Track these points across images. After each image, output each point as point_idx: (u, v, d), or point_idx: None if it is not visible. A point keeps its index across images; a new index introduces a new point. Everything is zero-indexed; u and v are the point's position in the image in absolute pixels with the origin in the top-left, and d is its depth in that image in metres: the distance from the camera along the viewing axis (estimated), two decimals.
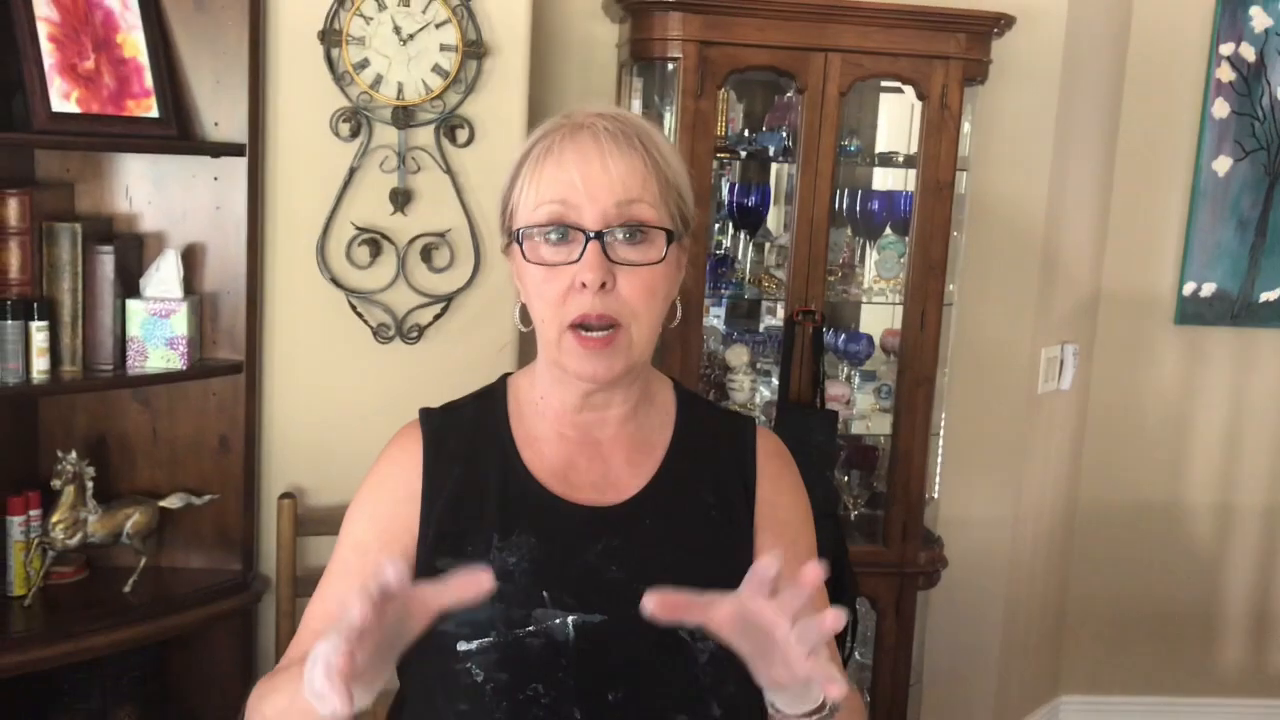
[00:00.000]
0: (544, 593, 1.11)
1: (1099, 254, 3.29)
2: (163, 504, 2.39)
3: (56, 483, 2.28)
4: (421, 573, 1.11)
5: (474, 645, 1.10)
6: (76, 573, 2.40)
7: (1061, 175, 2.98)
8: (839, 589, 2.65)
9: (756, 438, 1.28)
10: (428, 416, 1.25)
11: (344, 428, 2.48)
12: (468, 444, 1.21)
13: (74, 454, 2.29)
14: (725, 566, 1.16)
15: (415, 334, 2.51)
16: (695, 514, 1.20)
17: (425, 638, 1.05)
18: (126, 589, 2.35)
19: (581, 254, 1.12)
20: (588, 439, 1.22)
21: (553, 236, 1.14)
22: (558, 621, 1.10)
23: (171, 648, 2.45)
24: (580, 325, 1.14)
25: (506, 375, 1.31)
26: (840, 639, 2.71)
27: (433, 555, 1.14)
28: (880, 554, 2.77)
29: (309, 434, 2.51)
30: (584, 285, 1.12)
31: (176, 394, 2.46)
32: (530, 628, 1.10)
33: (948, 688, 3.11)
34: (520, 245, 1.16)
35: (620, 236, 1.13)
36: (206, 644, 2.44)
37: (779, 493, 1.26)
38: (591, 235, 1.12)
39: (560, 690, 1.09)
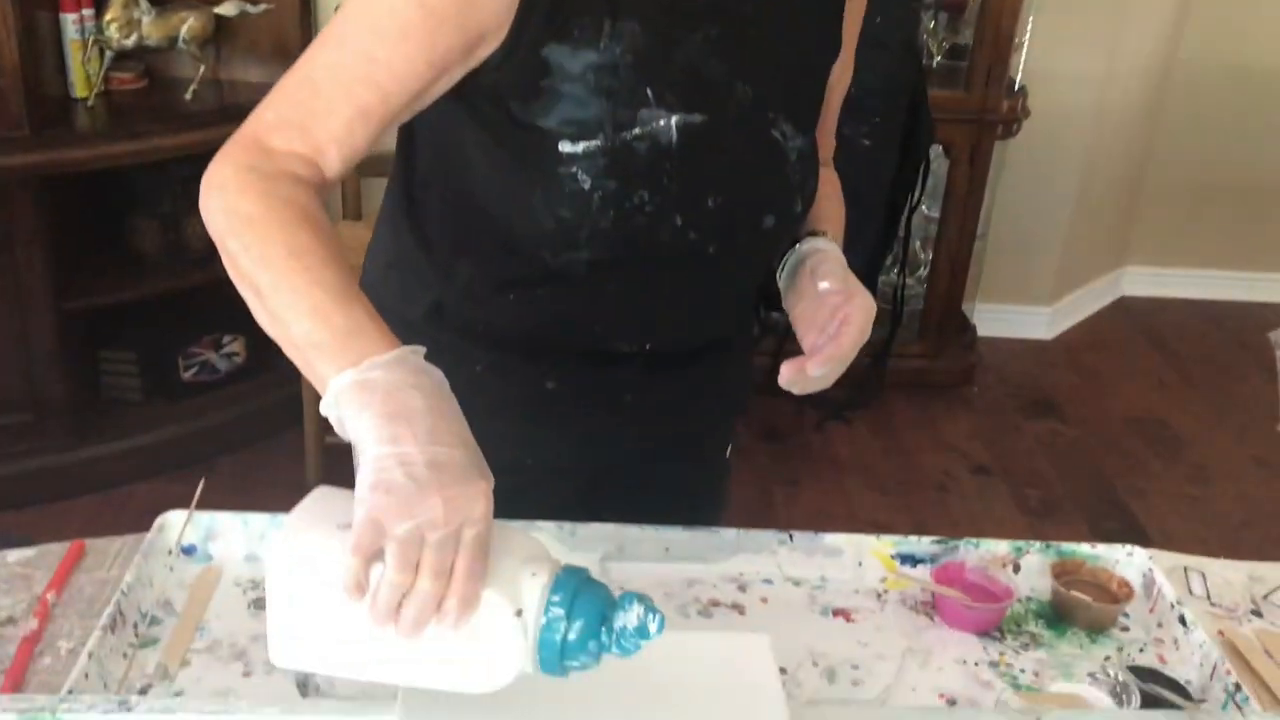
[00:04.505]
0: (648, 90, 1.02)
1: None
2: (218, 10, 2.30)
3: None
4: (518, 59, 0.99)
5: (579, 148, 1.01)
6: (136, 80, 2.37)
7: None
8: (914, 132, 2.57)
9: None
10: None
11: None
12: None
13: None
14: (816, 52, 1.12)
15: None
16: None
17: (520, 133, 1.00)
18: (187, 96, 2.32)
19: None
20: None
21: None
22: (661, 123, 1.03)
23: None
24: None
25: None
26: (908, 188, 2.66)
27: (538, 42, 0.99)
28: (961, 100, 2.66)
29: None
30: None
31: None
32: (636, 130, 1.02)
33: (1013, 245, 3.09)
34: None
35: None
36: None
37: None
38: None
39: (664, 197, 1.04)
